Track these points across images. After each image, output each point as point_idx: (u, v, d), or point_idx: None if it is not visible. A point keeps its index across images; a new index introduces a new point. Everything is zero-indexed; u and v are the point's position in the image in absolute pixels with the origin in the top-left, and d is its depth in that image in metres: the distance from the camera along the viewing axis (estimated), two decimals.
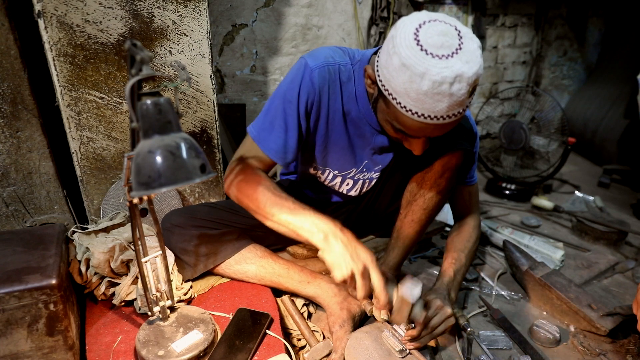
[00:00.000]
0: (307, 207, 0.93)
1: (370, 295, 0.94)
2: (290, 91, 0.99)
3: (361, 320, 1.15)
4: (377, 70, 0.85)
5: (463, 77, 0.74)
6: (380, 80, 0.83)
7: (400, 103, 0.80)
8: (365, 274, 0.84)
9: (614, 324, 1.15)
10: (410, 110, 0.80)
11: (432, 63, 0.74)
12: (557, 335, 1.15)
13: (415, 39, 0.76)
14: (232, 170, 1.05)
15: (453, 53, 0.75)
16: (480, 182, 2.46)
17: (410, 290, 0.88)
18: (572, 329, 1.22)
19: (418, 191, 1.09)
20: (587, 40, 3.45)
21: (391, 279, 1.15)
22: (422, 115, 0.79)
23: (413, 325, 0.97)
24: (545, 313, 1.30)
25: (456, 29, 0.77)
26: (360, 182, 1.21)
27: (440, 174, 1.05)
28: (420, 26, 0.77)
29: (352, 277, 0.85)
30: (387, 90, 0.82)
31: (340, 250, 0.85)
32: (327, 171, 1.19)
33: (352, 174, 1.18)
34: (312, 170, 1.21)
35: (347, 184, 1.22)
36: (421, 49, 0.75)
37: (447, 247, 1.22)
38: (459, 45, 0.75)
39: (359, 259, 0.84)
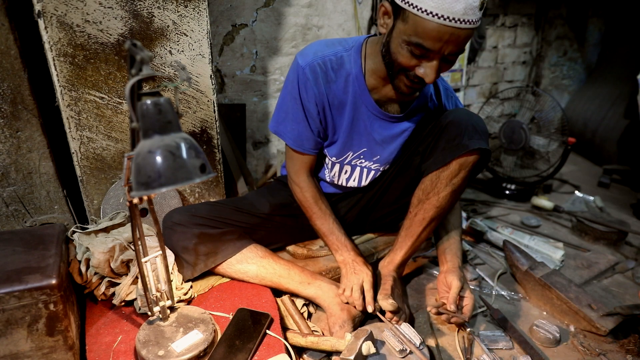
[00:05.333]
0: (340, 229, 1.23)
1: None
2: (292, 89, 1.09)
3: (361, 321, 1.15)
4: None
5: None
6: None
7: (421, 8, 0.86)
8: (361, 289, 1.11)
9: (614, 324, 1.15)
10: (431, 13, 0.85)
11: None
12: (557, 335, 1.15)
13: None
14: (288, 178, 1.26)
15: None
16: (480, 182, 2.46)
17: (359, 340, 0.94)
18: (572, 329, 1.22)
19: (432, 189, 1.09)
20: (587, 40, 3.45)
21: (397, 284, 1.19)
22: (442, 16, 0.85)
23: (461, 310, 1.10)
24: (545, 313, 1.30)
25: None
26: (358, 169, 1.23)
27: (456, 172, 1.06)
28: None
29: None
30: (408, 1, 0.88)
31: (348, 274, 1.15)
32: (326, 159, 1.23)
33: (348, 159, 1.21)
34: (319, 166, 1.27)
35: (345, 172, 1.24)
36: None
37: (446, 227, 1.28)
38: None
39: (356, 277, 1.14)
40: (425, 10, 0.85)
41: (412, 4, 0.87)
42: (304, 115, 1.11)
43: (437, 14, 0.85)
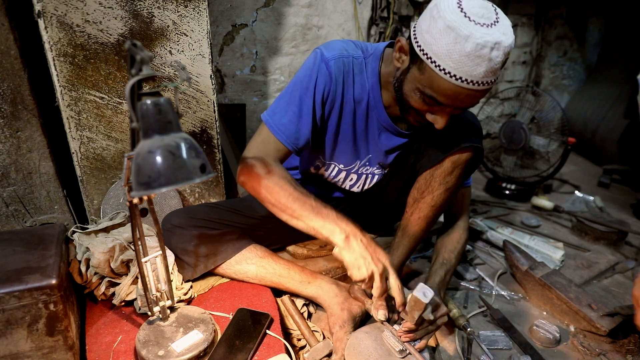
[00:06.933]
0: (328, 206, 0.96)
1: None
2: (306, 79, 1.00)
3: (362, 321, 1.15)
4: (415, 37, 0.87)
5: (501, 45, 0.80)
6: (419, 46, 0.86)
7: (439, 66, 0.83)
8: (384, 275, 0.89)
9: (614, 324, 1.15)
10: (449, 73, 0.82)
11: (476, 28, 0.79)
12: (557, 335, 1.15)
13: (459, 7, 0.81)
14: (246, 160, 1.01)
15: (492, 24, 0.81)
16: (480, 182, 2.46)
17: (423, 292, 0.90)
18: (572, 329, 1.22)
19: (426, 188, 1.09)
20: (587, 40, 3.45)
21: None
22: (460, 78, 0.82)
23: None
24: (545, 313, 1.30)
25: (492, 6, 0.85)
26: (363, 176, 1.22)
27: (449, 171, 1.06)
28: None
29: (370, 277, 0.88)
30: (427, 54, 0.84)
31: (361, 252, 0.88)
32: (332, 165, 1.20)
33: (355, 168, 1.20)
34: (315, 167, 1.23)
35: (351, 179, 1.23)
36: (465, 16, 0.80)
37: (438, 247, 1.24)
38: (496, 18, 0.82)
39: (379, 261, 0.88)
40: (444, 69, 0.83)
41: (430, 58, 0.84)
42: (312, 108, 1.00)
43: (454, 75, 0.82)
